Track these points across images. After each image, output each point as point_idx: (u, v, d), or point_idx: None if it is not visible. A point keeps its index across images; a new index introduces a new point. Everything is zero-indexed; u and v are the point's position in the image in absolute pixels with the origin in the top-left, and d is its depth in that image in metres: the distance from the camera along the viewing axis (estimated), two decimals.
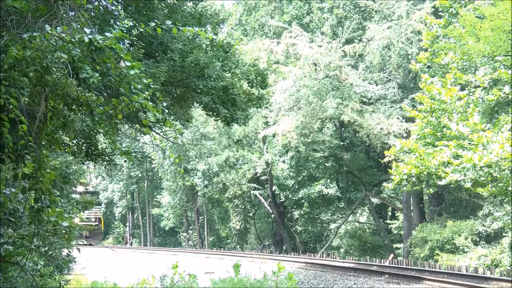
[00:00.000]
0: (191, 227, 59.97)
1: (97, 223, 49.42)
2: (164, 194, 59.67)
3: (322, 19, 35.33)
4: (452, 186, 20.99)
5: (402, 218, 34.86)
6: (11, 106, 5.55)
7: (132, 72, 5.95)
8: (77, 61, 5.86)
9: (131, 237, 69.73)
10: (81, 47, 5.79)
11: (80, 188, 49.49)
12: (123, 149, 7.52)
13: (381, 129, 29.03)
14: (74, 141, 12.79)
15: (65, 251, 15.99)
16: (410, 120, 26.67)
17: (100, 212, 50.58)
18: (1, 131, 5.80)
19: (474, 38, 19.41)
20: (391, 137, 28.67)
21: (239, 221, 50.58)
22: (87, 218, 48.11)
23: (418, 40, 28.14)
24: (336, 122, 32.63)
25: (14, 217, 6.96)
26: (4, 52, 5.80)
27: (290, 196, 42.28)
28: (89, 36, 5.83)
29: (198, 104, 14.81)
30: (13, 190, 6.72)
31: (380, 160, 29.47)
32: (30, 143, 5.73)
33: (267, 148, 40.41)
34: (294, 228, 45.16)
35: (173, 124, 7.08)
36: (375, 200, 39.53)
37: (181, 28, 6.80)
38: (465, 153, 19.01)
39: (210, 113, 14.94)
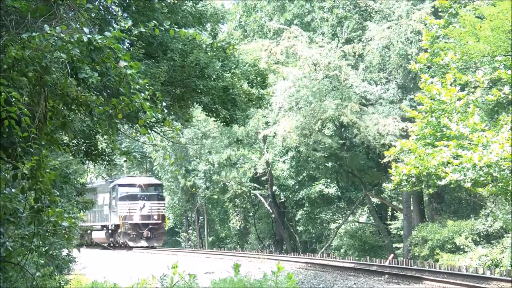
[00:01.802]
0: (191, 227, 59.95)
1: (160, 221, 40.36)
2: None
3: (323, 19, 35.36)
4: (452, 186, 21.00)
5: (402, 218, 34.87)
6: (14, 99, 5.56)
7: (128, 72, 5.95)
8: (77, 61, 5.86)
9: None
10: (80, 47, 5.79)
11: (140, 180, 41.71)
12: (123, 149, 7.52)
13: (377, 130, 29.07)
14: (74, 141, 12.80)
15: (65, 251, 16.01)
16: (408, 120, 26.68)
17: (163, 208, 41.33)
18: (1, 131, 5.81)
19: (474, 38, 19.41)
20: (388, 137, 28.69)
21: (239, 221, 50.52)
22: (148, 215, 40.04)
23: (418, 40, 28.12)
24: (336, 122, 32.64)
25: (14, 217, 6.96)
26: (3, 52, 5.81)
27: (290, 196, 42.28)
28: (88, 36, 5.83)
29: (198, 104, 14.82)
30: (13, 190, 6.72)
31: (380, 160, 29.47)
32: (33, 135, 5.74)
33: (267, 148, 40.42)
34: (294, 228, 45.15)
35: (172, 124, 7.08)
36: (375, 200, 39.52)
37: (177, 30, 6.80)
38: (465, 153, 19.02)
39: (210, 113, 14.95)
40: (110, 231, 42.06)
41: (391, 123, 28.98)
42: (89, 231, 45.43)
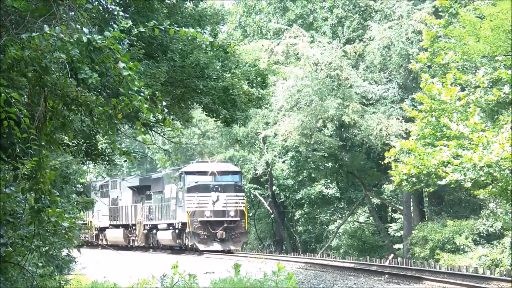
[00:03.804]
0: None
1: (238, 218, 31.67)
2: None
3: (323, 18, 35.45)
4: (452, 186, 21.02)
5: (402, 218, 34.92)
6: (13, 100, 5.57)
7: (125, 73, 5.95)
8: (76, 61, 5.87)
9: None
10: (80, 47, 5.80)
11: (213, 166, 32.63)
12: (123, 150, 7.53)
13: (380, 130, 29.11)
14: (74, 141, 12.82)
15: (65, 251, 16.01)
16: (410, 120, 26.72)
17: (242, 202, 32.32)
18: (0, 131, 5.82)
19: (474, 38, 19.43)
20: (391, 138, 28.73)
21: None
22: (222, 210, 31.72)
23: (418, 40, 28.16)
24: (336, 122, 32.71)
25: (14, 217, 6.98)
26: (3, 52, 5.81)
27: (290, 196, 42.30)
28: (88, 36, 5.84)
29: (198, 104, 14.85)
30: (12, 189, 6.73)
31: (380, 161, 29.52)
32: (32, 136, 5.75)
33: (267, 148, 40.44)
34: (294, 228, 45.17)
35: (172, 124, 7.10)
36: (375, 201, 39.56)
37: (177, 29, 6.80)
38: (465, 153, 19.03)
39: (210, 113, 14.98)
40: (177, 231, 33.65)
41: (394, 123, 29.03)
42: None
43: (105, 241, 40.99)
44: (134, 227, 39.12)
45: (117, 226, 40.46)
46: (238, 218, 31.74)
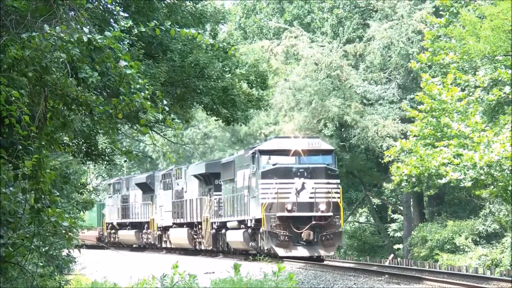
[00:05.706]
0: None
1: (330, 213, 23.40)
2: None
3: (323, 19, 35.48)
4: (452, 185, 21.03)
5: (402, 218, 34.94)
6: (14, 98, 5.57)
7: (128, 71, 5.96)
8: (76, 61, 5.88)
9: None
10: (80, 47, 5.80)
11: (297, 143, 24.07)
12: (123, 149, 7.53)
13: (376, 132, 29.21)
14: (74, 141, 12.83)
15: (65, 251, 16.02)
16: (407, 121, 26.76)
17: (337, 192, 24.13)
18: (1, 131, 5.82)
19: (474, 37, 19.44)
20: (386, 139, 28.86)
21: None
22: (309, 202, 23.60)
23: (419, 40, 28.21)
24: (336, 122, 32.79)
25: (14, 217, 6.98)
26: (3, 52, 5.81)
27: None
28: (88, 36, 5.84)
29: (198, 104, 14.88)
30: (11, 189, 6.73)
31: (380, 160, 29.58)
32: (33, 134, 5.76)
33: None
34: None
35: (172, 123, 7.10)
36: (375, 201, 39.58)
37: (178, 30, 6.80)
38: (466, 152, 19.05)
39: (210, 113, 15.01)
40: (249, 230, 25.57)
41: (390, 124, 29.09)
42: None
43: (169, 244, 34.39)
44: (200, 226, 31.30)
45: (181, 225, 32.60)
46: (330, 213, 23.68)
